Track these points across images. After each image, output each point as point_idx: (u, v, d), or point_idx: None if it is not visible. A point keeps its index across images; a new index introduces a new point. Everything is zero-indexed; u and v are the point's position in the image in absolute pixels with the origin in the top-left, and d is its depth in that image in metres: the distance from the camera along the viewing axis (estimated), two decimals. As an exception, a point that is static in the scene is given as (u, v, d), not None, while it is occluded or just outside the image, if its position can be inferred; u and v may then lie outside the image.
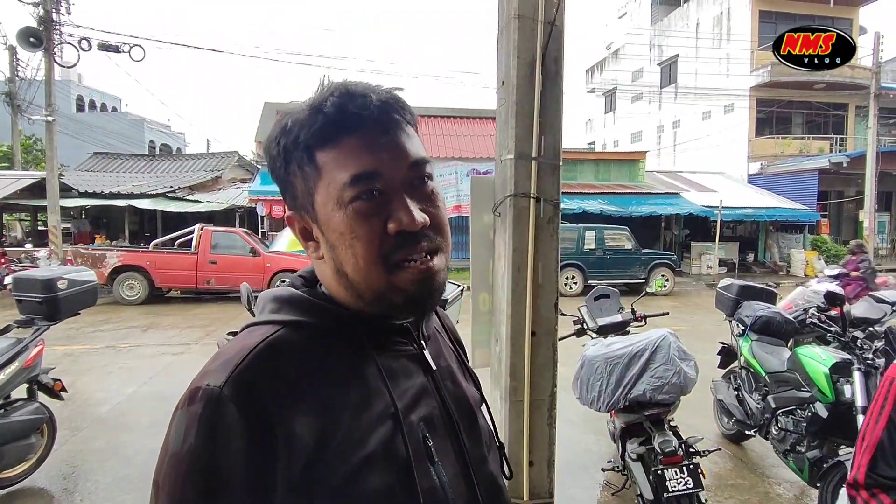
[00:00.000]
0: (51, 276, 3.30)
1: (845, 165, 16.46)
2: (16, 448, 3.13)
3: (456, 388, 0.72)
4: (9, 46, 14.45)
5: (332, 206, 0.60)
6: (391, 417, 0.60)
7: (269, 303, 0.66)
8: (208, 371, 0.57)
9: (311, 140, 0.60)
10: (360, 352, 0.63)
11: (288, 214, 0.67)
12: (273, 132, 0.65)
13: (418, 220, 0.59)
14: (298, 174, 0.62)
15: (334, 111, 0.60)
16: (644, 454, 2.73)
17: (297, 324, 0.62)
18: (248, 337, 0.60)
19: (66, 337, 7.01)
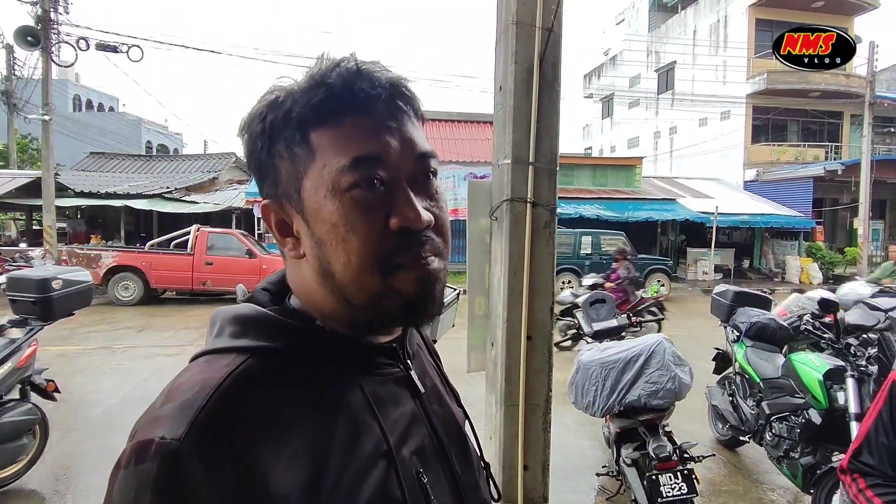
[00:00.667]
0: (45, 276, 3.28)
1: (840, 173, 16.58)
2: (7, 449, 3.10)
3: (444, 411, 0.65)
4: (6, 45, 14.40)
5: (324, 193, 0.51)
6: (384, 457, 0.52)
7: (228, 324, 0.54)
8: (159, 417, 0.46)
9: (307, 115, 0.52)
10: (344, 379, 0.54)
11: (264, 203, 0.56)
12: (258, 107, 0.55)
13: (424, 217, 0.52)
14: (285, 155, 0.53)
15: (340, 85, 0.52)
16: (639, 459, 2.74)
17: (268, 350, 0.51)
18: (207, 370, 0.49)
19: (59, 337, 6.97)
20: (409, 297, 0.53)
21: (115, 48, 12.43)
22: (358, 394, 0.54)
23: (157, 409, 0.48)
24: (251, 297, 0.59)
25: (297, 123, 0.52)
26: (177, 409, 0.46)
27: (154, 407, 0.49)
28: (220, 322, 0.55)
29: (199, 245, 10.70)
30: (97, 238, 14.50)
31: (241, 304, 0.57)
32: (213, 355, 0.52)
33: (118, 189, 14.55)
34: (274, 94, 0.54)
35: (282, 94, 0.54)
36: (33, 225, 16.36)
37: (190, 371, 0.51)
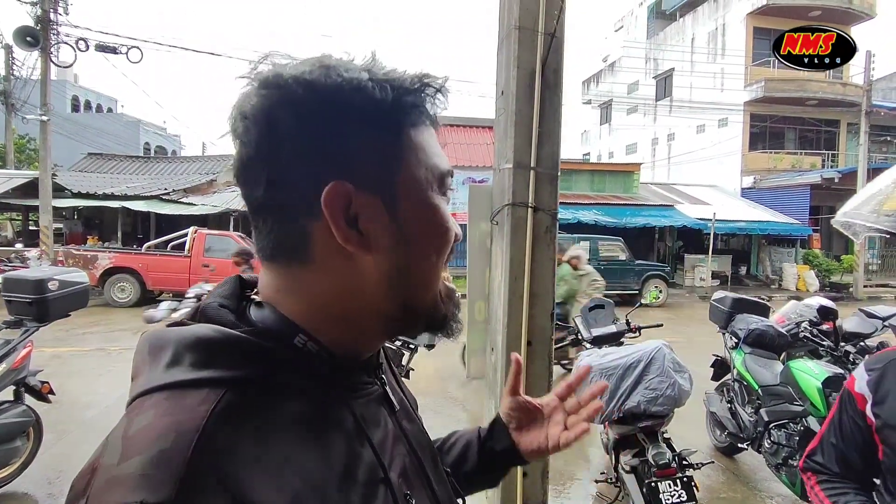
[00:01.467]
0: (41, 277, 3.26)
1: (837, 181, 16.65)
2: (1, 451, 3.08)
3: (412, 426, 0.63)
4: (4, 45, 14.38)
5: (432, 191, 0.51)
6: (382, 483, 0.50)
7: (187, 351, 0.45)
8: (124, 477, 0.37)
9: (409, 112, 0.50)
10: (333, 403, 0.50)
11: (342, 185, 0.47)
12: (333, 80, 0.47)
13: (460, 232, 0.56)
14: (377, 144, 0.49)
15: (437, 95, 0.52)
16: (638, 466, 2.73)
17: (243, 381, 0.44)
18: (175, 412, 0.41)
19: (55, 339, 6.93)
20: (452, 301, 0.56)
21: (115, 49, 12.42)
22: (349, 418, 0.51)
23: (115, 466, 0.38)
24: (204, 315, 0.50)
25: (399, 117, 0.50)
26: (151, 465, 0.37)
27: (107, 463, 0.39)
28: (172, 349, 0.45)
29: (196, 247, 10.67)
30: (94, 239, 14.44)
31: (199, 326, 0.47)
32: (172, 391, 0.43)
33: (116, 190, 14.50)
34: (355, 73, 0.48)
35: (371, 80, 0.48)
36: (30, 225, 16.29)
37: (146, 415, 0.41)
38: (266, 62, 0.50)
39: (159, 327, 0.49)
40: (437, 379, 5.89)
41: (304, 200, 0.47)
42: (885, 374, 1.05)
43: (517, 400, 0.77)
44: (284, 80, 0.47)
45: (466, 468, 0.77)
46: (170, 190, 15.02)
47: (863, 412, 1.06)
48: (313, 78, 0.47)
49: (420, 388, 5.39)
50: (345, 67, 0.48)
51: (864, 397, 1.06)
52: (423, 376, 5.69)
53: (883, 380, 1.04)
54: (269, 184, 0.48)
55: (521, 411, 0.77)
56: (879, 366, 1.06)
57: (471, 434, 0.81)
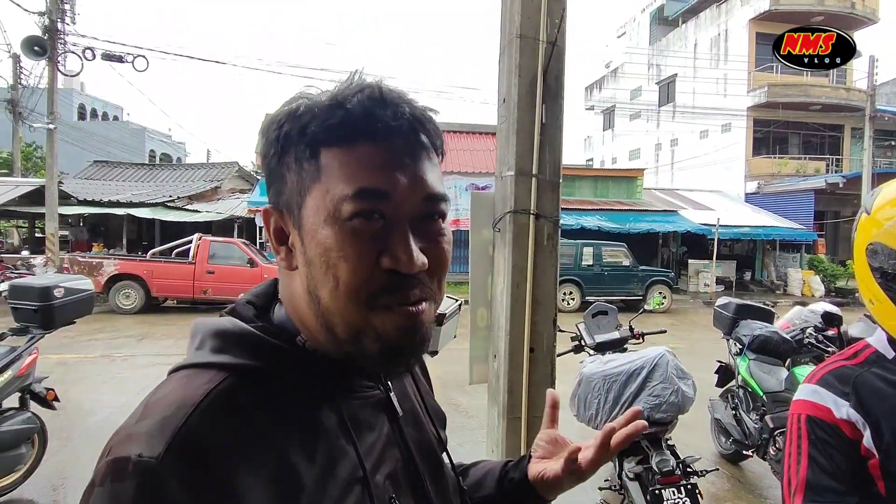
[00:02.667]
0: (47, 285, 3.28)
1: (841, 186, 16.61)
2: (6, 458, 3.09)
3: (420, 434, 0.64)
4: (13, 55, 14.55)
5: (324, 217, 0.50)
6: (359, 482, 0.52)
7: (209, 338, 0.53)
8: (136, 434, 0.45)
9: (321, 134, 0.50)
10: (323, 402, 0.53)
11: (266, 208, 0.56)
12: (278, 114, 0.54)
13: (417, 262, 0.50)
14: (293, 168, 0.52)
15: (360, 110, 0.50)
16: (641, 473, 2.71)
17: (248, 369, 0.50)
18: (187, 386, 0.48)
19: (59, 346, 6.95)
20: (388, 341, 0.51)
21: (121, 58, 12.55)
22: (337, 417, 0.53)
23: (133, 425, 0.46)
24: (233, 310, 0.57)
25: (311, 140, 0.51)
26: (155, 427, 0.45)
27: (130, 422, 0.47)
28: (201, 335, 0.54)
29: (200, 254, 10.72)
30: (99, 246, 14.54)
31: (224, 318, 0.55)
32: (193, 370, 0.51)
33: (121, 197, 14.61)
34: (296, 103, 0.53)
35: (303, 105, 0.52)
36: (36, 232, 16.41)
37: (168, 386, 0.50)
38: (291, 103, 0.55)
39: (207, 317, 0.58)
40: (440, 386, 5.88)
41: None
42: (862, 396, 0.91)
43: (549, 432, 0.74)
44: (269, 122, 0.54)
45: (481, 494, 0.76)
46: (174, 197, 15.12)
47: (856, 442, 0.89)
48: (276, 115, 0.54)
49: (423, 394, 5.37)
50: (298, 98, 0.54)
51: (856, 426, 0.90)
52: (427, 383, 5.68)
53: (865, 404, 0.90)
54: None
55: (552, 443, 0.74)
56: (848, 389, 0.92)
57: (496, 463, 0.80)
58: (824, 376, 0.97)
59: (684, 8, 25.83)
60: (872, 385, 0.92)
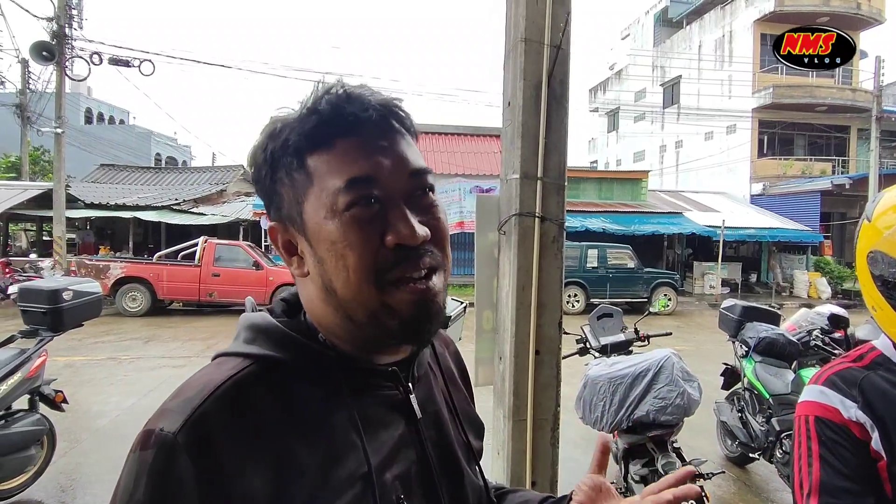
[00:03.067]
0: (56, 287, 3.31)
1: (848, 187, 16.51)
2: (15, 459, 3.12)
3: (441, 439, 0.64)
4: (21, 60, 14.69)
5: (324, 214, 0.53)
6: (362, 478, 0.53)
7: (244, 330, 0.59)
8: (166, 410, 0.51)
9: (302, 142, 0.54)
10: (335, 397, 0.56)
11: (270, 226, 0.60)
12: (260, 138, 0.57)
13: (419, 233, 0.53)
14: (286, 182, 0.56)
15: (329, 111, 0.54)
16: (647, 476, 2.71)
17: (269, 360, 0.55)
18: (215, 371, 0.54)
19: (67, 348, 7.01)
20: (406, 315, 0.54)
21: (128, 62, 12.65)
22: (347, 413, 0.55)
23: (168, 402, 0.52)
24: (270, 308, 0.63)
25: (294, 151, 0.55)
26: (179, 405, 0.50)
27: (167, 400, 0.53)
28: (240, 327, 0.59)
29: (206, 256, 10.78)
30: (106, 249, 14.62)
31: (258, 313, 0.60)
32: (227, 357, 0.56)
33: (127, 201, 14.70)
34: (273, 124, 0.57)
35: (280, 123, 0.56)
36: (43, 235, 16.53)
37: (204, 370, 0.56)
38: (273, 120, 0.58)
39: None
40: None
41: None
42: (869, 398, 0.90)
43: (596, 479, 0.70)
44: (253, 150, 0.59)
45: None
46: (180, 200, 15.20)
47: (865, 443, 0.89)
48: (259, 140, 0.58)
49: (428, 396, 5.38)
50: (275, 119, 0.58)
51: (864, 427, 0.89)
52: (432, 385, 5.68)
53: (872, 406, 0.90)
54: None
55: (595, 490, 0.69)
56: (854, 390, 0.91)
57: (535, 495, 0.78)
58: (830, 377, 0.96)
59: (688, 10, 25.78)
60: (880, 387, 0.91)
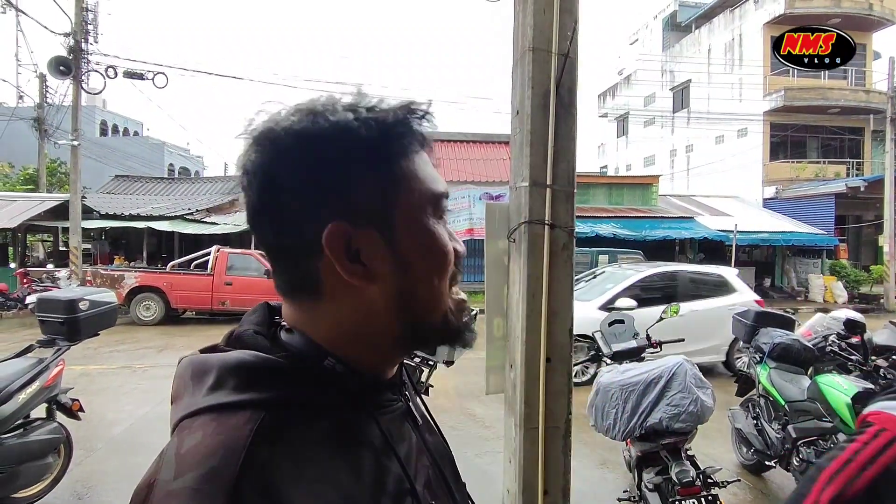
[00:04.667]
0: (73, 298, 3.37)
1: (863, 190, 16.27)
2: (33, 468, 3.16)
3: (435, 440, 0.66)
4: (39, 74, 15.03)
5: (426, 216, 0.55)
6: (409, 494, 0.53)
7: (229, 376, 0.49)
8: (179, 491, 0.41)
9: (396, 145, 0.53)
10: (362, 420, 0.54)
11: (337, 226, 0.50)
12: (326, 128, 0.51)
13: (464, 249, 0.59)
14: (371, 181, 0.52)
15: (423, 122, 0.56)
16: (661, 484, 2.69)
17: (281, 401, 0.48)
18: (222, 432, 0.45)
19: (83, 357, 7.10)
20: (463, 317, 0.59)
21: (142, 75, 12.89)
22: (376, 433, 0.54)
23: (171, 481, 0.42)
24: (240, 341, 0.55)
25: (387, 151, 0.53)
26: (203, 480, 0.41)
27: (164, 479, 0.43)
28: (216, 373, 0.49)
29: (219, 266, 10.88)
30: (120, 259, 14.84)
31: (239, 352, 0.51)
32: (218, 413, 0.47)
33: (141, 211, 14.91)
34: (341, 114, 0.52)
35: (356, 119, 0.52)
36: (60, 246, 16.80)
37: (195, 435, 0.45)
38: (261, 114, 0.53)
39: (198, 353, 0.54)
40: (456, 396, 5.87)
41: (308, 243, 0.51)
42: None
43: None
44: (276, 133, 0.51)
45: None
46: (193, 210, 15.38)
47: None
48: (302, 127, 0.51)
49: (439, 404, 5.38)
50: (332, 110, 0.52)
51: None
52: (443, 393, 5.68)
53: None
54: (275, 230, 0.53)
55: None
56: None
57: None
58: None
59: (697, 13, 25.72)
60: None
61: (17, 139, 21.36)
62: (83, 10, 12.10)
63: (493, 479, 3.48)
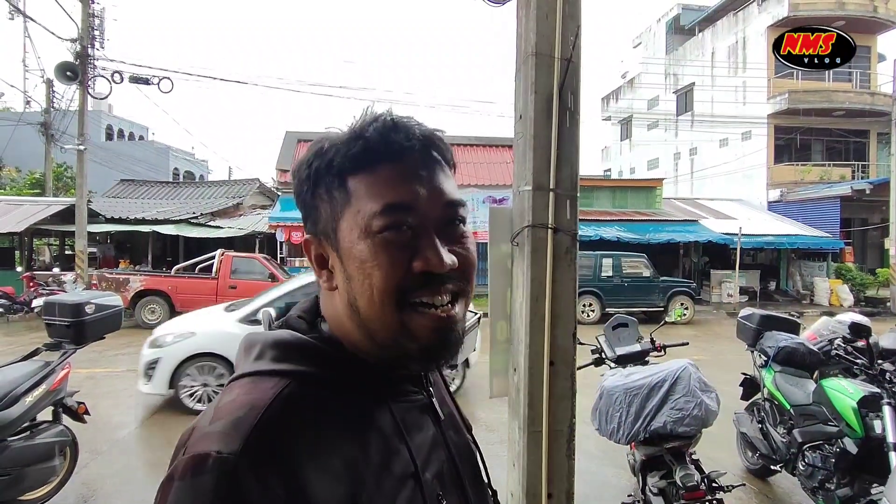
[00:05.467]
0: (79, 301, 3.39)
1: (868, 192, 16.19)
2: (39, 470, 3.17)
3: (459, 438, 0.69)
4: (46, 80, 15.16)
5: (357, 234, 0.56)
6: (412, 478, 0.57)
7: (269, 349, 0.58)
8: (211, 433, 0.49)
9: (346, 164, 0.57)
10: (376, 404, 0.59)
11: (305, 238, 0.62)
12: (307, 155, 0.61)
13: (447, 261, 0.55)
14: (325, 198, 0.58)
15: (376, 137, 0.57)
16: (665, 488, 2.68)
17: (307, 375, 0.56)
18: (253, 391, 0.53)
19: (88, 360, 7.13)
20: (425, 341, 0.56)
21: (147, 80, 12.98)
22: (388, 418, 0.58)
23: (206, 426, 0.51)
24: (287, 324, 0.63)
25: (337, 171, 0.58)
26: (230, 427, 0.49)
27: (203, 423, 0.51)
28: (259, 346, 0.59)
29: (223, 269, 10.92)
30: (125, 262, 14.90)
31: (281, 331, 0.61)
32: (256, 377, 0.55)
33: (146, 215, 14.98)
34: (321, 143, 0.60)
35: (327, 143, 0.60)
36: (66, 250, 16.90)
37: (234, 392, 0.54)
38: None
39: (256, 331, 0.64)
40: (460, 398, 5.87)
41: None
42: None
43: None
44: (298, 164, 0.62)
45: None
46: (198, 214, 15.44)
47: None
48: (305, 156, 0.61)
49: (443, 408, 5.36)
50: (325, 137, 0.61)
51: None
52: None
53: None
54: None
55: None
56: None
57: None
58: None
59: (700, 17, 25.69)
60: None
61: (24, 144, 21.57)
62: (90, 17, 12.22)
63: (497, 482, 3.48)
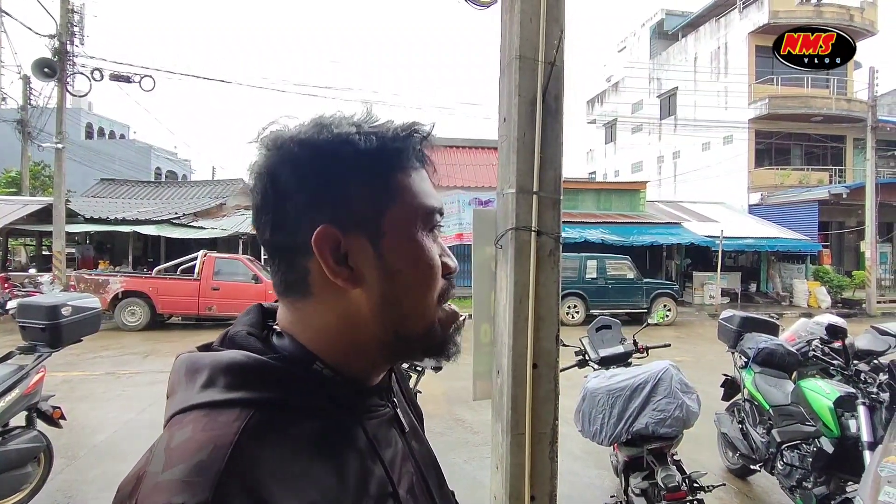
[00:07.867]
0: (55, 303, 3.30)
1: (845, 196, 16.58)
2: (12, 477, 3.09)
3: (421, 447, 0.67)
4: (23, 76, 14.82)
5: (416, 228, 0.56)
6: (391, 497, 0.55)
7: (220, 375, 0.50)
8: (168, 482, 0.43)
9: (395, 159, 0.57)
10: (348, 424, 0.55)
11: (326, 229, 0.53)
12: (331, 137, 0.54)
13: (456, 265, 0.62)
14: (365, 190, 0.54)
15: (422, 139, 0.59)
16: (647, 489, 2.70)
17: (270, 403, 0.49)
18: (211, 427, 0.46)
19: (65, 363, 6.98)
20: (449, 330, 0.60)
21: (128, 78, 12.78)
22: (362, 437, 0.56)
23: (159, 473, 0.44)
24: (233, 342, 0.56)
25: (383, 163, 0.56)
26: (192, 473, 0.42)
27: (152, 471, 0.44)
28: (207, 371, 0.51)
29: (205, 270, 10.77)
30: (105, 263, 14.62)
31: (232, 352, 0.53)
32: (209, 409, 0.48)
33: (127, 215, 14.73)
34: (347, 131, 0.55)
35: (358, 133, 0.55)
36: (43, 250, 16.53)
37: (186, 430, 0.46)
38: (273, 124, 0.58)
39: (193, 351, 0.56)
40: (445, 402, 5.86)
41: (302, 242, 0.54)
42: None
43: None
44: (283, 140, 0.55)
45: None
46: (180, 214, 15.23)
47: None
48: (307, 136, 0.55)
49: (427, 410, 5.34)
50: (336, 124, 0.56)
51: None
52: (431, 399, 5.66)
53: None
54: (273, 229, 0.56)
55: None
56: None
57: None
58: None
59: (684, 22, 26.08)
60: None
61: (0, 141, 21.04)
62: (69, 12, 11.98)
63: (481, 484, 3.48)
